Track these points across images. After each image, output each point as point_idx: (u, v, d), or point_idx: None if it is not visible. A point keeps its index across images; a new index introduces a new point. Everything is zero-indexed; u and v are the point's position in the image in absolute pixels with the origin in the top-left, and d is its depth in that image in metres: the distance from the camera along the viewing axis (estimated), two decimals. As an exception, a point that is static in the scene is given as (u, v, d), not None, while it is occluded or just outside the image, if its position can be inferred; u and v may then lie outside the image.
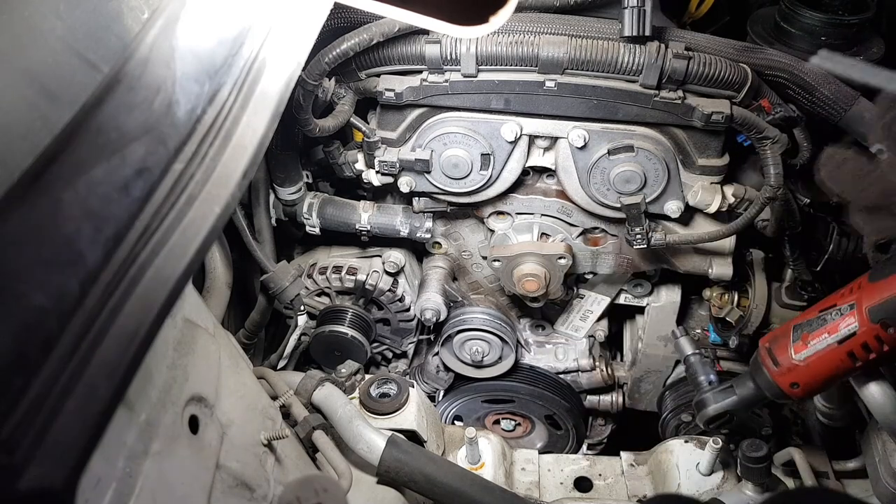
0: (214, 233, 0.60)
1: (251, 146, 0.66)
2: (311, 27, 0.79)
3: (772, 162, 1.27)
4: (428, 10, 0.74)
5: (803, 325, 1.20)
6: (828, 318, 1.16)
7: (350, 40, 1.24)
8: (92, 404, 0.49)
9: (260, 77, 0.71)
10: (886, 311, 1.08)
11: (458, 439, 1.44)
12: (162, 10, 0.67)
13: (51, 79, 0.59)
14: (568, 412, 1.72)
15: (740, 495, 1.27)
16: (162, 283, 0.56)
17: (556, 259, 1.49)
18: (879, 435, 1.30)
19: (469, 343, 1.65)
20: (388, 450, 1.15)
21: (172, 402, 0.77)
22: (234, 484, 0.87)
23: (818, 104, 1.28)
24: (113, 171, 0.57)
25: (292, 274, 1.50)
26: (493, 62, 1.27)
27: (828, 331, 1.15)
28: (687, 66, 1.23)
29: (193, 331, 0.86)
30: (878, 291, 1.10)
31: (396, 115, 1.38)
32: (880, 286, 1.10)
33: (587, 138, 1.33)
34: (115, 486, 0.65)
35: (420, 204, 1.52)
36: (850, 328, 1.12)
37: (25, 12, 0.60)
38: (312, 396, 1.22)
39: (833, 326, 1.14)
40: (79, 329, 0.50)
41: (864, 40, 1.35)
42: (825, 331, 1.15)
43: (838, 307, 1.15)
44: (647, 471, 1.45)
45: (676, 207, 1.39)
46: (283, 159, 1.48)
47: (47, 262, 0.51)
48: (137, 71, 0.63)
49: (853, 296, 1.13)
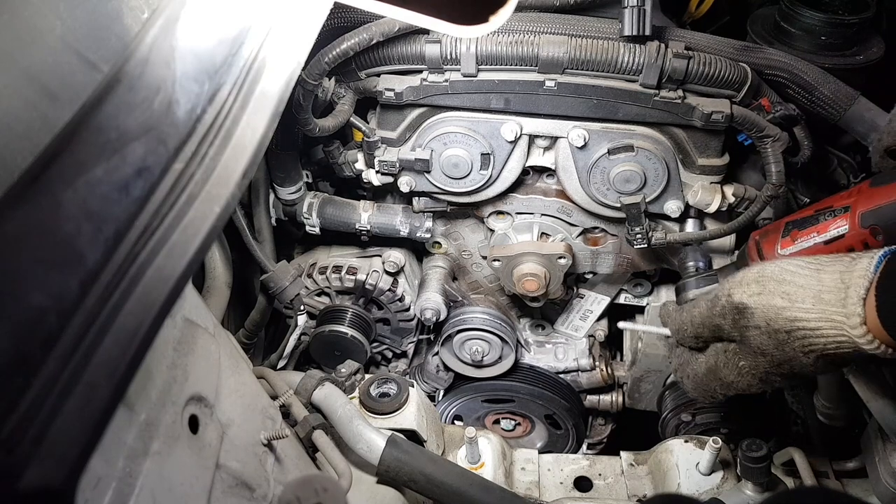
0: (214, 232, 0.60)
1: (251, 146, 0.66)
2: (311, 27, 0.80)
3: (773, 160, 1.27)
4: (428, 10, 0.74)
5: (796, 222, 1.18)
6: (820, 217, 1.13)
7: (350, 40, 1.24)
8: (92, 404, 0.49)
9: (260, 77, 0.71)
10: (877, 218, 1.06)
11: (458, 439, 1.44)
12: (162, 10, 0.67)
13: (51, 79, 0.59)
14: (568, 412, 1.72)
15: (740, 495, 1.27)
16: (162, 282, 0.56)
17: (556, 259, 1.49)
18: (879, 435, 1.30)
19: (469, 343, 1.65)
20: (387, 449, 1.15)
21: (172, 401, 0.77)
22: (234, 484, 0.87)
23: (818, 103, 1.28)
24: (113, 171, 0.57)
25: (292, 274, 1.50)
26: (493, 62, 1.27)
27: (817, 230, 1.13)
28: (687, 65, 1.23)
29: (193, 330, 0.86)
30: (875, 197, 1.07)
31: (396, 115, 1.38)
32: (879, 192, 1.07)
33: (587, 138, 1.33)
34: (115, 486, 0.65)
35: (420, 204, 1.52)
36: (840, 230, 1.09)
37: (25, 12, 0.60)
38: (312, 396, 1.22)
39: (823, 226, 1.12)
40: (79, 328, 0.50)
41: (864, 40, 1.35)
42: (815, 230, 1.13)
43: (833, 208, 1.12)
44: (646, 470, 1.45)
45: (676, 207, 1.39)
46: (283, 159, 1.48)
47: (47, 261, 0.51)
48: (137, 71, 0.63)
49: (850, 199, 1.11)
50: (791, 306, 0.92)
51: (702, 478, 1.34)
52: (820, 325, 0.90)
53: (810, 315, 0.91)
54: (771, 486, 1.27)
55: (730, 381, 1.06)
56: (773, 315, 0.94)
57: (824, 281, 0.91)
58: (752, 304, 0.96)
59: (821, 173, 1.49)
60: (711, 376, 1.09)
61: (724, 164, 1.36)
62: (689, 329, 1.09)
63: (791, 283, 0.94)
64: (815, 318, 0.90)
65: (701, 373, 1.11)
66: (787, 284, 0.94)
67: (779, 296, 0.94)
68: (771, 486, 1.27)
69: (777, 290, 0.94)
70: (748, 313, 0.97)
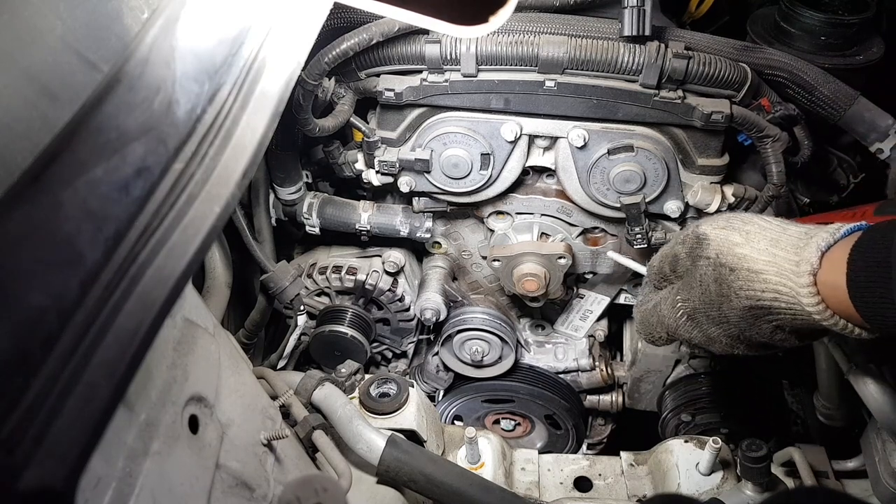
0: (214, 232, 0.60)
1: (251, 146, 0.66)
2: (311, 27, 0.79)
3: (773, 160, 1.28)
4: (428, 10, 0.74)
5: None
6: None
7: (350, 40, 1.24)
8: (92, 404, 0.49)
9: (260, 77, 0.71)
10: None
11: (457, 439, 1.44)
12: (162, 10, 0.67)
13: (51, 78, 0.59)
14: (568, 412, 1.72)
15: (740, 495, 1.26)
16: (162, 282, 0.56)
17: (556, 259, 1.49)
18: (879, 435, 1.30)
19: (469, 343, 1.65)
20: (387, 450, 1.15)
21: (172, 401, 0.77)
22: (234, 484, 0.87)
23: (818, 103, 1.28)
24: (113, 171, 0.57)
25: (292, 274, 1.50)
26: (493, 62, 1.27)
27: None
28: (687, 65, 1.23)
29: (193, 331, 0.86)
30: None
31: (396, 115, 1.38)
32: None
33: (587, 138, 1.33)
34: (115, 486, 0.65)
35: (420, 204, 1.52)
36: None
37: (25, 12, 0.60)
38: (312, 396, 1.22)
39: None
40: (79, 328, 0.50)
41: (864, 40, 1.35)
42: None
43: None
44: (646, 470, 1.45)
45: (676, 207, 1.39)
46: (283, 159, 1.48)
47: (47, 261, 0.51)
48: (137, 71, 0.63)
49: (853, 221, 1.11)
50: (744, 244, 0.89)
51: (702, 478, 1.34)
52: (765, 268, 0.86)
53: (759, 256, 0.87)
54: (771, 486, 1.27)
55: (664, 314, 1.03)
56: (725, 249, 0.91)
57: (788, 230, 0.89)
58: (711, 235, 0.94)
59: (821, 173, 1.49)
60: (654, 310, 1.06)
61: (723, 164, 1.36)
62: (655, 263, 1.07)
63: (755, 225, 0.91)
64: (762, 260, 0.87)
65: (648, 308, 1.08)
66: (751, 225, 0.92)
67: (738, 232, 0.91)
68: (771, 486, 1.27)
69: (740, 228, 0.92)
70: (705, 243, 0.94)
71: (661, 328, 1.05)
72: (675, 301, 1.00)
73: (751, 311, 0.89)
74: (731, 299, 0.90)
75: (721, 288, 0.91)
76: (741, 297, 0.89)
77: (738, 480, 1.31)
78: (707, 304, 0.94)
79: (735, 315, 0.91)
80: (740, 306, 0.89)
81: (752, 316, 0.89)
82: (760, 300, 0.87)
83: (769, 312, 0.88)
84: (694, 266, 0.96)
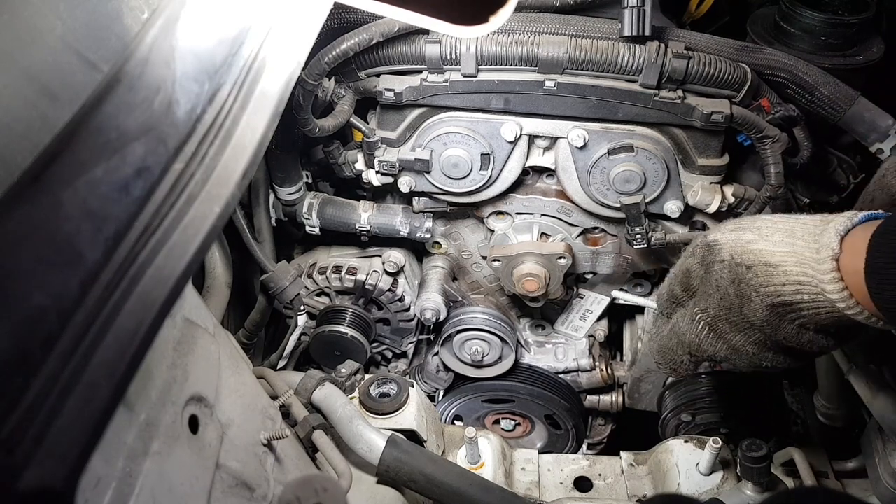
0: (214, 232, 0.60)
1: (251, 146, 0.66)
2: (311, 27, 0.80)
3: (772, 161, 1.28)
4: (428, 10, 0.74)
5: None
6: None
7: (350, 40, 1.24)
8: (92, 404, 0.49)
9: (260, 77, 0.71)
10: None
11: (457, 439, 1.44)
12: (162, 10, 0.67)
13: (51, 79, 0.59)
14: (568, 412, 1.72)
15: (740, 495, 1.27)
16: (162, 282, 0.56)
17: (556, 259, 1.49)
18: (879, 435, 1.30)
19: (469, 343, 1.65)
20: (387, 450, 1.15)
21: (172, 401, 0.77)
22: (234, 484, 0.87)
23: (818, 104, 1.28)
24: (113, 171, 0.57)
25: (292, 274, 1.50)
26: (493, 62, 1.27)
27: None
28: (687, 65, 1.23)
29: (193, 331, 0.86)
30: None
31: (396, 115, 1.38)
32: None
33: (587, 138, 1.33)
34: (115, 486, 0.65)
35: (420, 204, 1.52)
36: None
37: (25, 12, 0.60)
38: (312, 396, 1.22)
39: None
40: (79, 328, 0.50)
41: (864, 40, 1.35)
42: None
43: None
44: (646, 471, 1.45)
45: (676, 207, 1.39)
46: (283, 159, 1.48)
47: (47, 261, 0.51)
48: (137, 71, 0.63)
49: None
50: (758, 239, 0.86)
51: (702, 478, 1.34)
52: (783, 259, 0.82)
53: (776, 248, 0.83)
54: (771, 487, 1.27)
55: (683, 332, 0.98)
56: (739, 248, 0.87)
57: (801, 219, 0.86)
58: (722, 238, 0.90)
59: (821, 173, 1.49)
60: (672, 335, 1.01)
61: (723, 164, 1.36)
62: (664, 289, 1.04)
63: (766, 220, 0.88)
64: (779, 252, 0.82)
65: (664, 334, 1.03)
66: (761, 221, 0.89)
67: (750, 230, 0.88)
68: (771, 487, 1.27)
69: (750, 226, 0.89)
70: (717, 248, 0.90)
71: (682, 349, 1.00)
72: (693, 315, 0.96)
73: (773, 309, 0.85)
74: (751, 299, 0.86)
75: (740, 289, 0.87)
76: (762, 295, 0.84)
77: (738, 480, 1.31)
78: (727, 310, 0.90)
79: (758, 317, 0.87)
80: (762, 305, 0.85)
81: (776, 315, 0.85)
82: (782, 295, 0.83)
83: (792, 310, 0.84)
84: (708, 273, 0.92)
